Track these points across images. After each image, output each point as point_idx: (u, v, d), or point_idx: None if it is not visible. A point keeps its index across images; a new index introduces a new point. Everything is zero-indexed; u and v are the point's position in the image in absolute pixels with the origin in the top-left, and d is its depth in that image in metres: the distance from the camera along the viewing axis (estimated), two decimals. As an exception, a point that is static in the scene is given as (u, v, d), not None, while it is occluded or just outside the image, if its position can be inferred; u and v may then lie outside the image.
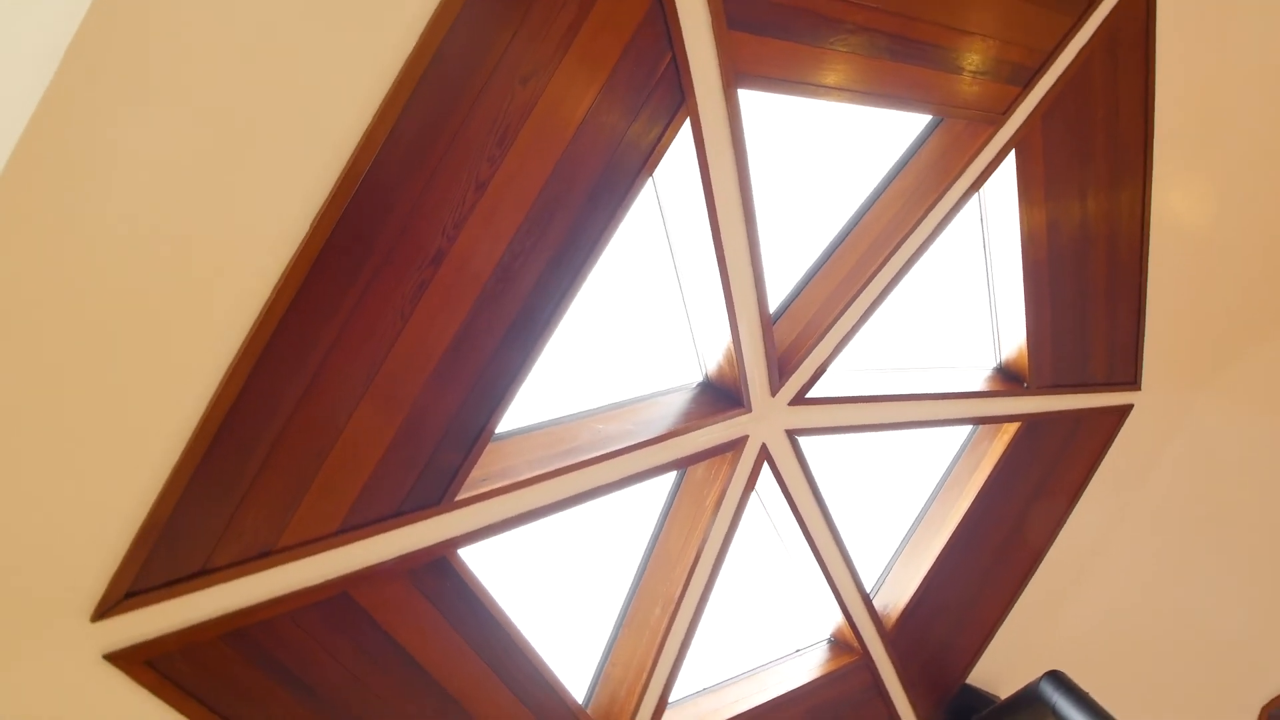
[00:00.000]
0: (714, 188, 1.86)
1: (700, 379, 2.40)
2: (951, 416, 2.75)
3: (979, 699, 3.02)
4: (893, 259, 2.34)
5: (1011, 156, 2.40)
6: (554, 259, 1.62)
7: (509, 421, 1.99)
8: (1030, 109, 2.33)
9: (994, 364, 2.94)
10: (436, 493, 1.70)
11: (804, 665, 2.78)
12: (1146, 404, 3.17)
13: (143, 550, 1.35)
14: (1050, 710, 2.50)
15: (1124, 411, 3.13)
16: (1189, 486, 3.40)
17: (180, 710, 1.51)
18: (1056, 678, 2.53)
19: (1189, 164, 2.83)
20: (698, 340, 2.33)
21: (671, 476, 2.41)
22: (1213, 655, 3.52)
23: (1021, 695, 2.64)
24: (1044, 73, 2.27)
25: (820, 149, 2.56)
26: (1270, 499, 3.51)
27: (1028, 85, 2.28)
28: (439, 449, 1.66)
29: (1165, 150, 2.72)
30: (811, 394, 2.43)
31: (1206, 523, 3.44)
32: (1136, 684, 3.28)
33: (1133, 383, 3.11)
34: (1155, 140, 2.71)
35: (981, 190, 2.49)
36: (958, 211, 2.41)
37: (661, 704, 2.41)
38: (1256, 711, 3.65)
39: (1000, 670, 3.13)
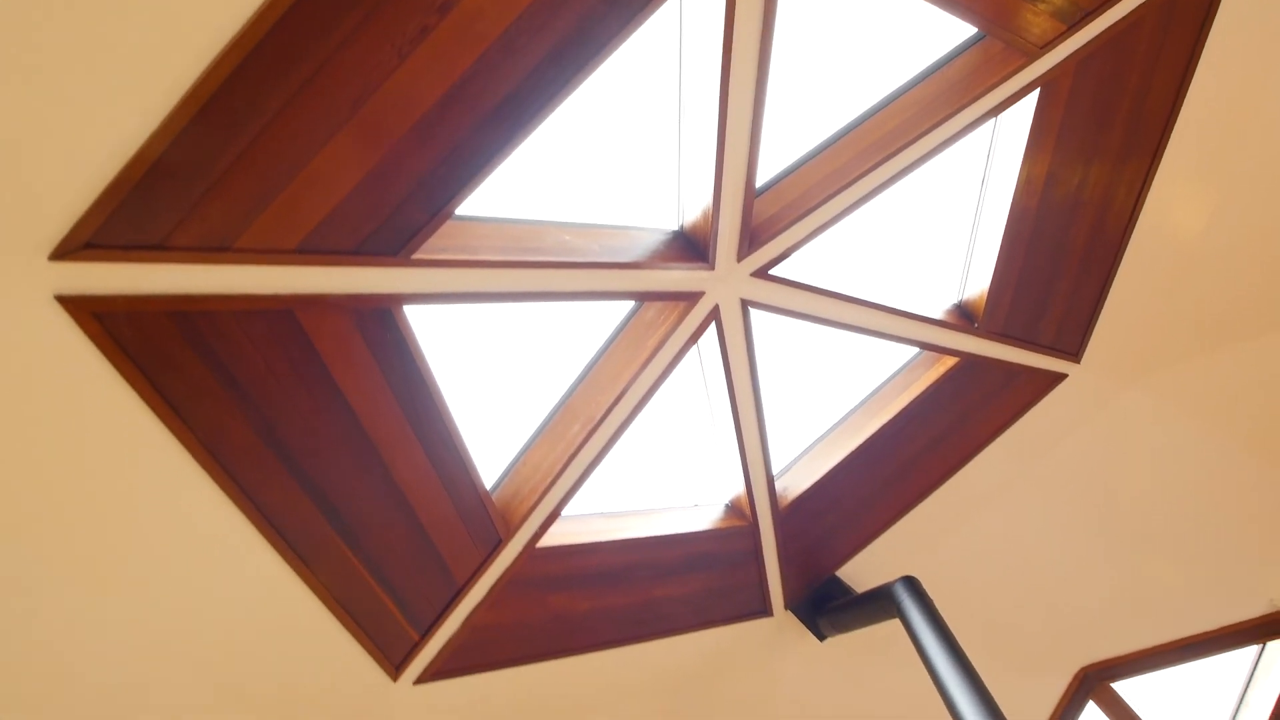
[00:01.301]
0: (735, 33, 1.86)
1: (675, 227, 2.46)
2: (899, 334, 2.87)
3: (841, 590, 3.31)
4: (890, 162, 2.37)
5: (1035, 95, 2.41)
6: (560, 47, 1.63)
7: (479, 207, 2.06)
8: (1069, 52, 2.31)
9: (955, 299, 3.04)
10: (395, 244, 1.78)
11: (696, 517, 3.00)
12: (1080, 379, 3.33)
13: (109, 204, 1.41)
14: (897, 608, 2.76)
15: (1057, 379, 3.29)
16: (1089, 467, 3.61)
17: (119, 369, 1.62)
18: (911, 583, 2.79)
19: (1198, 167, 2.86)
20: (681, 186, 2.37)
21: (621, 310, 2.51)
22: (1051, 616, 3.87)
23: (876, 591, 2.91)
24: (1094, 18, 2.25)
25: (852, 33, 2.53)
26: (1155, 500, 3.77)
27: (1074, 26, 2.25)
28: (406, 203, 1.72)
29: (1180, 145, 2.75)
30: (775, 271, 2.51)
31: (1089, 503, 3.69)
32: (978, 619, 3.60)
33: (1074, 355, 3.25)
34: (1175, 130, 2.72)
35: (997, 120, 2.51)
36: (967, 134, 2.44)
37: (556, 512, 2.61)
38: (1074, 672, 4.06)
39: (868, 573, 3.41)
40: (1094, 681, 4.09)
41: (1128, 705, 4.17)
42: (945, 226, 3.06)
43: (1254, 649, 4.29)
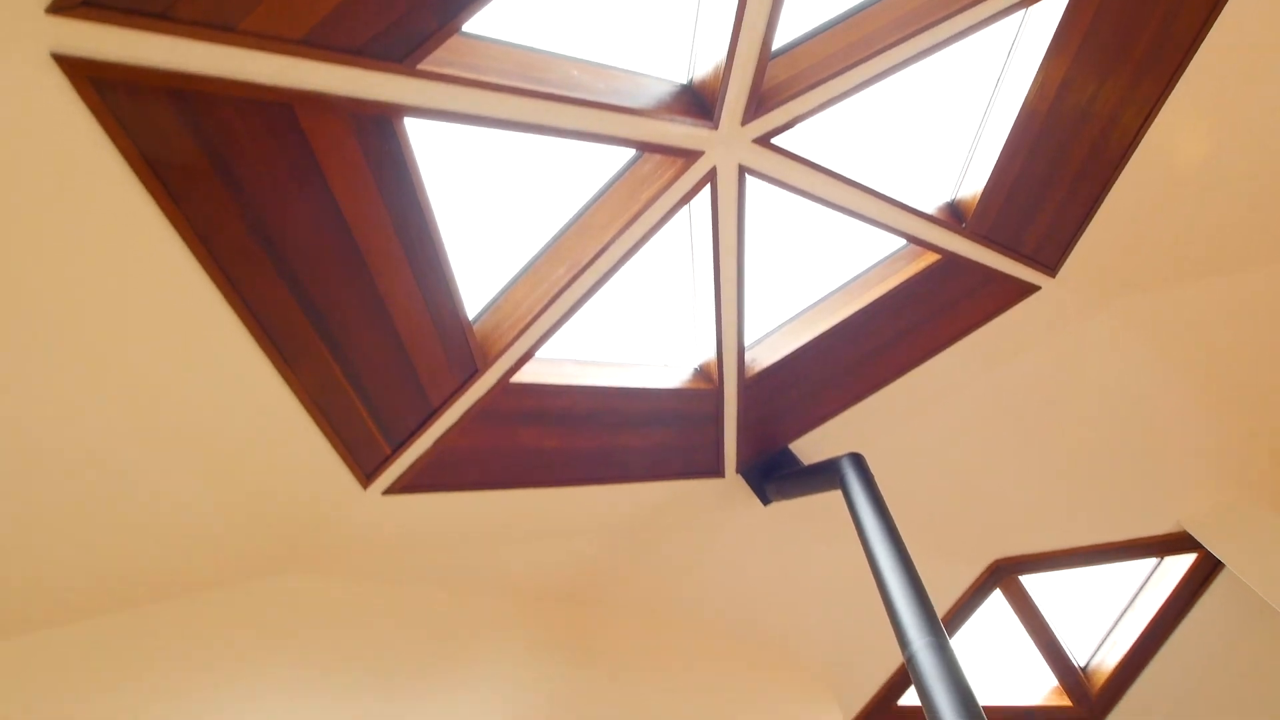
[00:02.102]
0: None
1: (684, 80, 2.42)
2: (887, 223, 2.91)
3: (790, 462, 3.51)
4: (914, 39, 2.34)
5: (1067, -7, 2.35)
6: None
7: (491, 27, 2.00)
8: (1112, -50, 2.25)
9: (948, 197, 3.07)
10: (401, 50, 1.74)
11: (665, 376, 3.12)
12: (1052, 294, 3.43)
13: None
14: (841, 481, 2.95)
15: (1029, 290, 3.38)
16: (1038, 380, 3.78)
17: (115, 141, 1.61)
18: (857, 459, 2.96)
19: (1209, 99, 2.86)
20: (696, 39, 2.31)
21: (619, 159, 2.51)
22: (977, 510, 4.16)
23: (824, 464, 3.09)
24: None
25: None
26: (1091, 418, 3.98)
27: (1122, -77, 2.18)
28: (418, 6, 1.67)
29: (1197, 74, 2.74)
30: (778, 140, 2.51)
31: (1029, 413, 3.88)
32: (910, 504, 3.86)
33: (1051, 269, 3.33)
34: (1195, 58, 2.70)
35: (1026, 13, 2.46)
36: (995, 21, 2.39)
37: (532, 351, 2.69)
38: (988, 563, 4.42)
39: (817, 450, 3.61)
40: (1004, 573, 4.46)
41: (1029, 596, 4.59)
42: (952, 122, 3.04)
43: (1152, 561, 4.69)
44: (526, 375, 2.77)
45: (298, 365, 2.24)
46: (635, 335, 3.23)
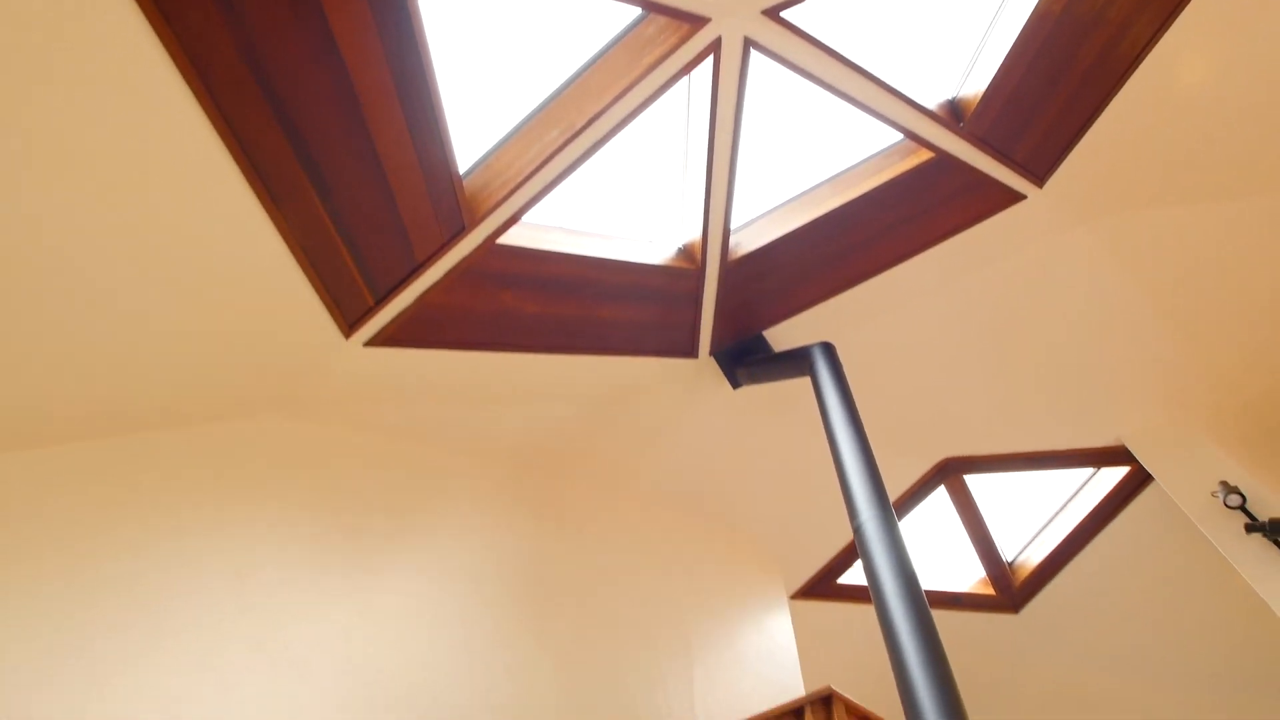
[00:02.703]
0: None
1: (698, -60, 2.32)
2: (887, 114, 2.88)
3: (763, 348, 3.62)
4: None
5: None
6: None
7: None
8: None
9: (949, 94, 3.03)
10: None
11: (649, 251, 3.15)
12: (1036, 204, 3.47)
13: None
14: (810, 368, 3.06)
15: (1015, 199, 3.41)
16: (1009, 290, 3.87)
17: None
18: (828, 348, 3.07)
19: (1224, 18, 2.82)
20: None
21: (623, 18, 2.43)
22: (933, 409, 4.36)
23: (795, 351, 3.20)
24: None
25: None
26: (1052, 331, 4.11)
27: None
28: None
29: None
30: (787, 14, 2.44)
31: (995, 321, 4.00)
32: (872, 397, 4.03)
33: (1040, 179, 3.35)
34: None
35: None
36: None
37: (519, 214, 2.69)
38: (937, 460, 4.66)
39: (789, 340, 3.71)
40: (951, 471, 4.72)
41: (970, 494, 4.88)
42: (963, 17, 2.97)
43: (1088, 471, 4.99)
44: (513, 238, 2.78)
45: (285, 206, 2.22)
46: (622, 208, 3.23)
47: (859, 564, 5.00)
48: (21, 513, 2.11)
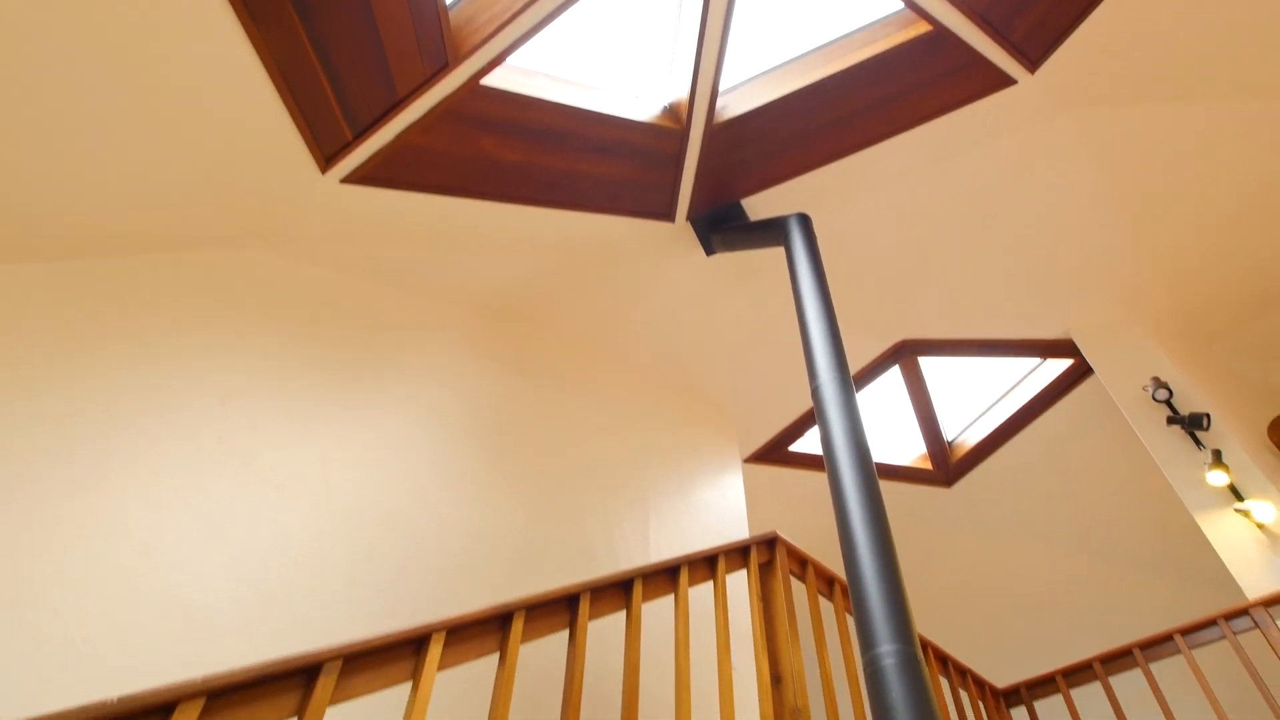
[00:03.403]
0: None
1: None
2: (888, -21, 2.80)
3: (739, 216, 3.65)
4: None
5: None
6: None
7: None
8: None
9: (954, -38, 2.94)
10: None
11: (635, 107, 3.09)
12: (1024, 91, 3.45)
13: None
14: (785, 238, 3.11)
15: (1005, 82, 3.39)
16: (985, 177, 3.91)
17: None
18: (804, 219, 3.11)
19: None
20: None
21: None
22: (896, 292, 4.49)
23: (771, 220, 3.24)
24: None
25: None
26: (1018, 221, 4.19)
27: None
28: None
29: None
30: None
31: (965, 207, 4.06)
32: (840, 274, 4.13)
33: (1033, 64, 3.32)
34: None
35: None
36: None
37: (505, 54, 2.61)
38: (895, 341, 4.85)
39: (767, 210, 3.74)
40: (907, 352, 4.92)
41: (922, 376, 5.12)
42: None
43: (1035, 361, 5.24)
44: (497, 80, 2.71)
45: (265, 26, 2.13)
46: (610, 60, 3.13)
47: (810, 434, 5.29)
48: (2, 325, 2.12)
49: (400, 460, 2.85)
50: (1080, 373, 5.08)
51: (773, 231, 3.21)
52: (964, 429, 5.71)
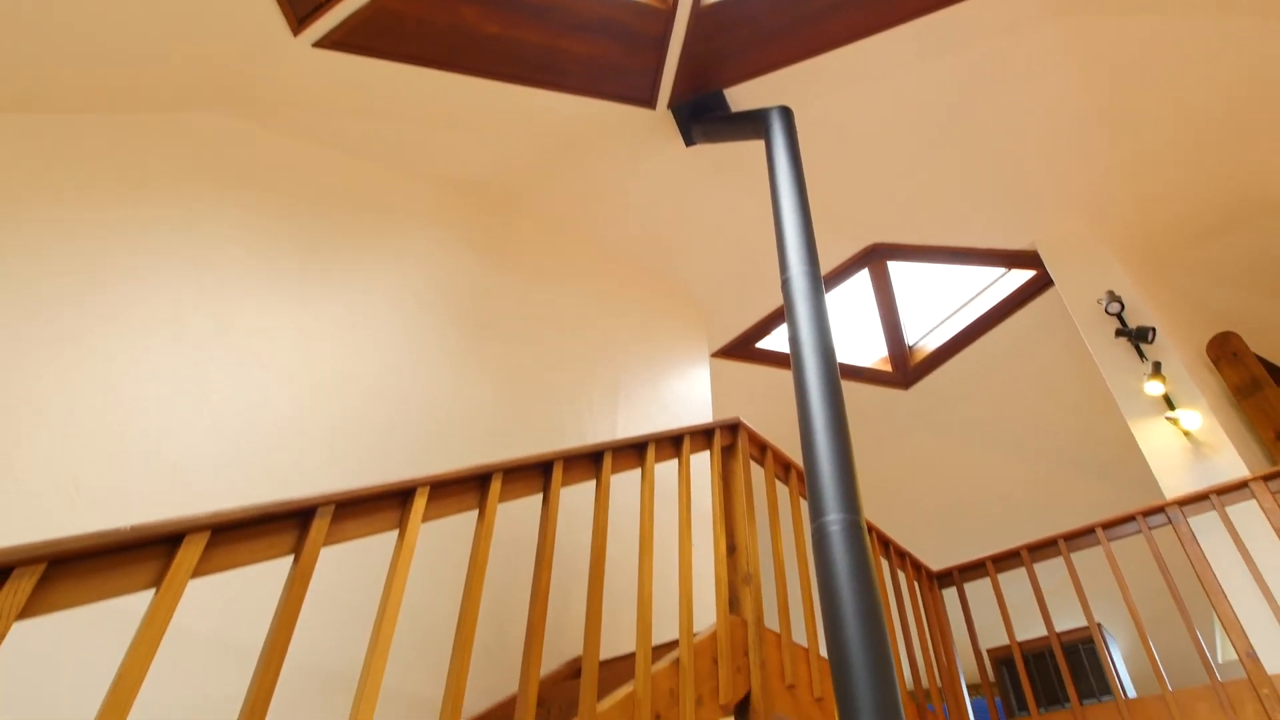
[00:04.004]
0: None
1: None
2: None
3: (720, 107, 3.60)
4: None
5: None
6: None
7: None
8: None
9: None
10: None
11: (621, -16, 2.99)
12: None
13: None
14: (766, 130, 3.10)
15: (999, -21, 3.32)
16: (973, 82, 3.89)
17: None
18: (786, 112, 3.10)
19: None
20: None
21: None
22: (871, 194, 4.52)
23: (753, 112, 3.21)
24: None
25: None
26: (992, 125, 4.21)
27: None
28: None
29: None
30: None
31: (946, 110, 4.05)
32: (818, 173, 4.14)
33: (1028, -39, 3.25)
34: None
35: None
36: None
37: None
38: (868, 244, 4.92)
39: (748, 102, 3.69)
40: (877, 256, 5.01)
41: (890, 280, 5.23)
42: None
43: (999, 271, 5.38)
44: (479, -56, 2.59)
45: None
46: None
47: (776, 332, 5.42)
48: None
49: (374, 336, 2.90)
50: (1040, 285, 5.24)
51: (754, 123, 3.19)
52: (925, 335, 5.89)
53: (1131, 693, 3.54)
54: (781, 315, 5.20)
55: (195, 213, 2.55)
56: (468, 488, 1.58)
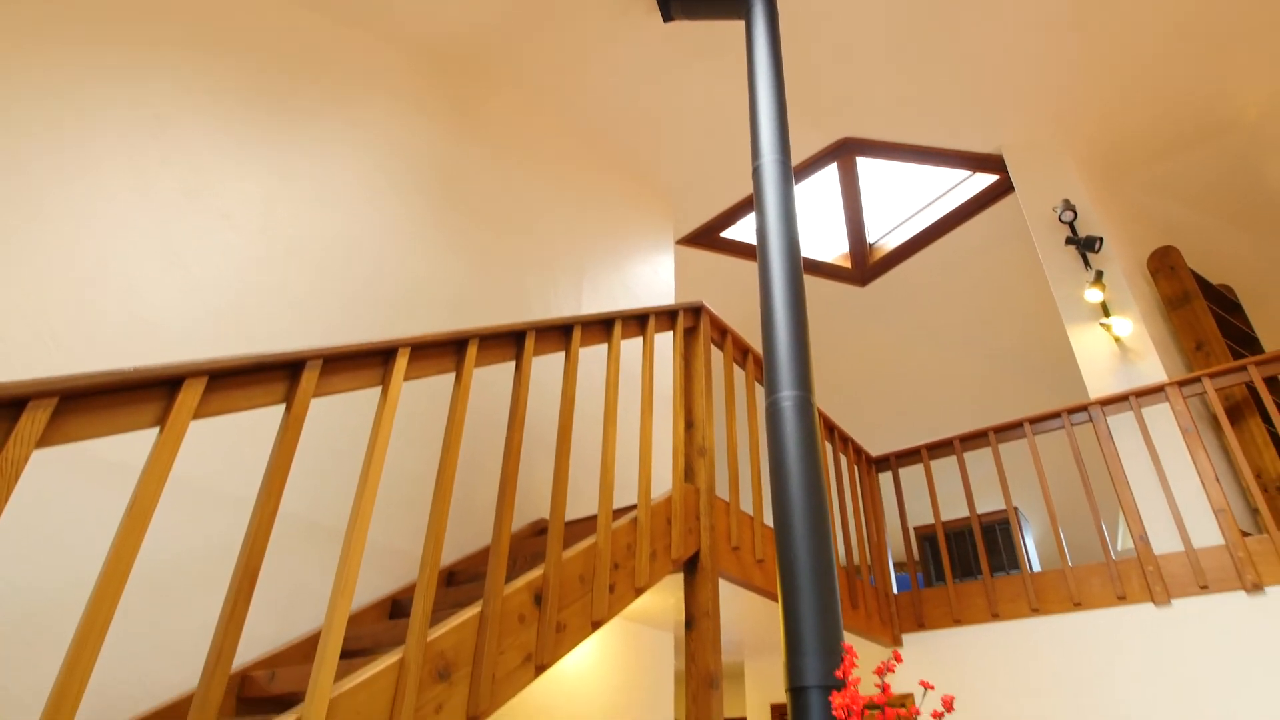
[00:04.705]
0: None
1: None
2: None
3: (704, -15, 3.49)
4: None
5: None
6: None
7: None
8: None
9: None
10: None
11: None
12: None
13: None
14: (747, 9, 3.03)
15: None
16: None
17: None
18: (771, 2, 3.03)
19: None
20: None
21: None
22: (848, 88, 4.49)
23: (736, -8, 3.13)
24: None
25: None
26: (968, 26, 4.18)
27: None
28: None
29: None
30: None
31: (921, 8, 4.00)
32: (799, 59, 4.07)
33: None
34: None
35: None
36: None
37: None
38: (840, 137, 4.91)
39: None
40: (847, 150, 5.01)
41: (857, 175, 5.26)
42: None
43: (965, 173, 5.45)
44: None
45: None
46: None
47: (740, 223, 5.46)
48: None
49: (341, 201, 2.87)
50: (1001, 190, 5.34)
51: (734, 2, 3.11)
52: (886, 233, 6.00)
53: (1037, 568, 3.92)
54: (747, 206, 5.23)
55: (160, 66, 2.44)
56: (446, 351, 1.66)
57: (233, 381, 1.24)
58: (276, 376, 1.30)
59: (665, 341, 3.52)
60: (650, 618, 3.16)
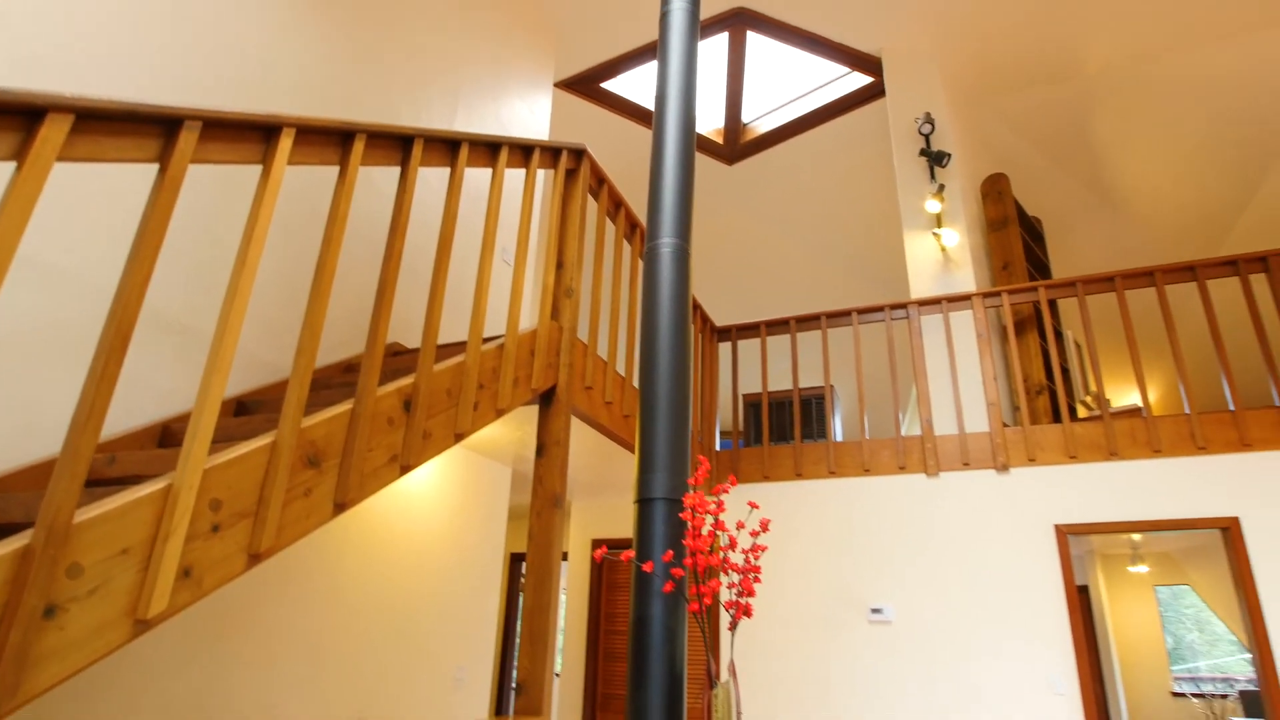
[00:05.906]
0: None
1: None
2: None
3: None
4: None
5: None
6: None
7: None
8: None
9: None
10: None
11: None
12: None
13: None
14: None
15: None
16: None
17: None
18: None
19: None
20: None
21: None
22: None
23: None
24: None
25: None
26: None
27: None
28: None
29: None
30: None
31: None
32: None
33: None
34: None
35: None
36: None
37: None
38: (734, 4, 4.84)
39: None
40: (739, 22, 4.96)
41: (744, 51, 5.24)
42: None
43: (843, 69, 5.59)
44: None
45: None
46: None
47: (622, 77, 5.32)
48: None
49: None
50: (872, 93, 5.56)
51: None
52: (760, 116, 6.10)
53: (840, 439, 4.44)
54: (631, 60, 5.09)
55: None
56: (331, 140, 1.57)
57: (103, 127, 1.12)
58: (152, 131, 1.19)
59: (539, 183, 3.46)
60: (494, 449, 3.29)
